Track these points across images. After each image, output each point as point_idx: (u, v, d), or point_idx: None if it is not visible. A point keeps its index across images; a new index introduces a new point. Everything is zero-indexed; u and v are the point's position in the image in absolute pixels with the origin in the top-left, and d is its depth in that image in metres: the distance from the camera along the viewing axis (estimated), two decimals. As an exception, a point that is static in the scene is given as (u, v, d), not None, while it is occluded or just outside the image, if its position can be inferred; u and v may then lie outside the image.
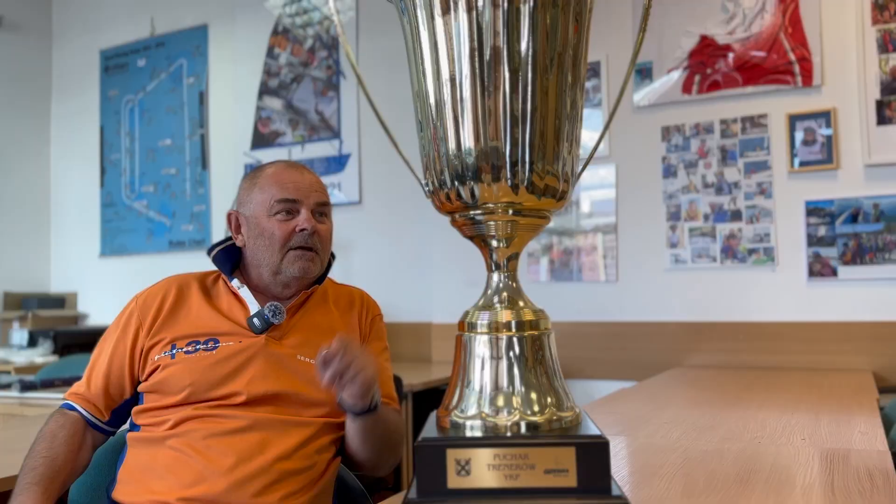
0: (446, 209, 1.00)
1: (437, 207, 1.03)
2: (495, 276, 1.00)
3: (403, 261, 3.72)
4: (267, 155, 4.13)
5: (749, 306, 2.99)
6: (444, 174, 0.96)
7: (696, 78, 3.11)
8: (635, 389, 2.41)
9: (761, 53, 3.00)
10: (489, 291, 0.99)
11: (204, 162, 4.38)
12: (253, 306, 1.36)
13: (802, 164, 2.91)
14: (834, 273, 2.84)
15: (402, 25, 1.00)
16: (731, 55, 3.05)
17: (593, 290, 3.29)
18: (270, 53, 4.17)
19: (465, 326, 0.97)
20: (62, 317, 4.68)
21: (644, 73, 3.21)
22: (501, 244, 0.99)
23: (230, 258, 1.44)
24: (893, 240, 2.75)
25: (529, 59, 0.90)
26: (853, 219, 2.81)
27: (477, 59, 0.90)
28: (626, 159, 3.25)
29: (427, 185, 1.02)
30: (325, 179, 3.92)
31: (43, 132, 5.00)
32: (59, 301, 4.76)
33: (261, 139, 4.18)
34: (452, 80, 0.92)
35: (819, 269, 2.86)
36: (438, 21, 0.92)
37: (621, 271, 3.24)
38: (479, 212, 0.97)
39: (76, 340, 4.11)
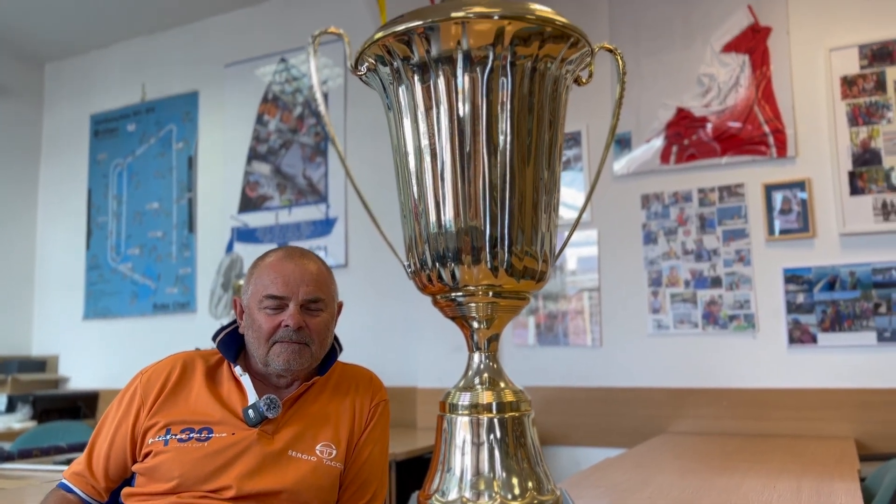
0: (428, 291, 1.03)
1: (419, 289, 1.05)
2: (476, 357, 1.03)
3: (389, 324, 3.73)
4: (254, 218, 4.16)
5: (731, 372, 3.01)
6: (425, 255, 1.00)
7: (674, 148, 3.20)
8: (621, 459, 2.40)
9: (737, 124, 3.10)
10: (470, 372, 1.01)
11: (191, 225, 4.41)
12: (251, 395, 1.34)
13: (780, 232, 2.98)
14: (814, 340, 2.88)
15: (388, 118, 1.05)
16: (708, 126, 3.15)
17: (579, 355, 3.30)
18: (260, 120, 4.25)
19: (447, 407, 0.99)
20: (43, 380, 4.61)
21: (623, 143, 3.30)
22: (482, 325, 1.02)
23: (236, 341, 1.43)
24: (870, 307, 2.80)
25: (507, 153, 0.95)
26: (830, 286, 2.87)
27: (458, 151, 0.95)
28: (608, 225, 3.31)
29: (409, 265, 1.05)
30: (312, 243, 3.95)
31: (30, 195, 5.02)
32: (40, 364, 4.69)
33: (248, 203, 4.22)
34: (434, 168, 0.97)
35: (799, 336, 2.90)
36: (421, 117, 0.96)
37: (605, 335, 3.26)
38: (460, 294, 1.00)
39: (56, 405, 4.05)
